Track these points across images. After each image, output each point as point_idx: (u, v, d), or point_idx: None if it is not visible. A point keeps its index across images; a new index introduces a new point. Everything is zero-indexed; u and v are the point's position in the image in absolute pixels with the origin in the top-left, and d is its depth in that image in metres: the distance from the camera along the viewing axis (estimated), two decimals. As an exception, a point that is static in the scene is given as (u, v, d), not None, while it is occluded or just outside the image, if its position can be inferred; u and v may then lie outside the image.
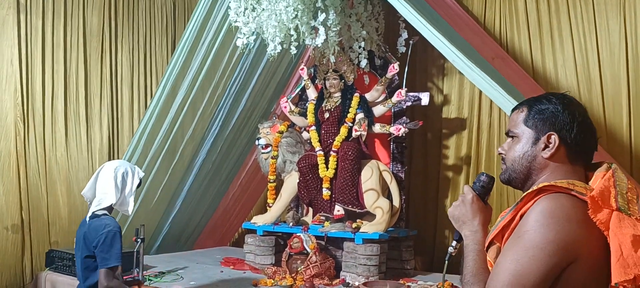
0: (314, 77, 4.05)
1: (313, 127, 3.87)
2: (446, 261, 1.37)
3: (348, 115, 3.73)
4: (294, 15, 3.17)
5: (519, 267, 1.08)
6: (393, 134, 3.68)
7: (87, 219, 2.39)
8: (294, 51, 3.30)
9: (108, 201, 2.38)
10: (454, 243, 1.33)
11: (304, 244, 3.36)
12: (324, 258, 3.36)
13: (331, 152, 3.69)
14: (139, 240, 3.00)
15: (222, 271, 3.63)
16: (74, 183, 4.17)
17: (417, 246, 3.84)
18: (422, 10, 3.02)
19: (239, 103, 4.38)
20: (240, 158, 4.76)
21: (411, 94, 3.79)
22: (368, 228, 3.39)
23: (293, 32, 3.22)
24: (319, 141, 3.80)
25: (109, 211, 2.42)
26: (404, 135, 3.66)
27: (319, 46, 3.38)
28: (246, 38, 3.39)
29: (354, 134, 3.67)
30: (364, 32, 3.65)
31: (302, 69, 4.07)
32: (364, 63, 3.69)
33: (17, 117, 3.91)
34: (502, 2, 3.86)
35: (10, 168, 3.87)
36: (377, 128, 3.74)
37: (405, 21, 3.52)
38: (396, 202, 3.63)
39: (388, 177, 3.67)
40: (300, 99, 4.27)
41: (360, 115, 3.71)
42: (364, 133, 3.65)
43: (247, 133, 4.61)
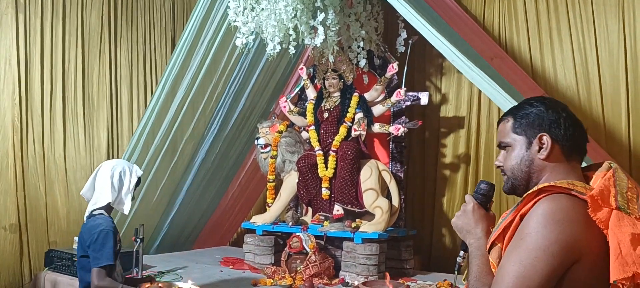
0: (313, 77, 4.05)
1: (312, 127, 3.87)
2: (456, 272, 1.38)
3: (347, 114, 3.73)
4: (293, 14, 3.16)
5: (523, 269, 1.08)
6: (392, 134, 3.68)
7: (85, 218, 2.40)
8: (293, 51, 3.30)
9: (103, 200, 2.37)
10: (462, 253, 1.35)
11: (304, 244, 3.36)
12: (323, 257, 3.36)
13: (330, 152, 3.69)
14: (138, 239, 2.98)
15: (222, 271, 3.63)
16: (73, 183, 4.16)
17: (414, 245, 3.84)
18: (422, 9, 3.02)
19: (238, 102, 4.37)
20: (239, 158, 4.76)
21: (410, 94, 3.79)
22: (367, 227, 3.39)
23: (292, 32, 3.22)
24: (318, 141, 3.80)
25: (108, 210, 2.42)
26: (403, 134, 3.66)
27: (318, 46, 3.38)
28: (245, 37, 3.39)
29: (353, 134, 3.67)
30: (363, 32, 3.65)
31: (301, 69, 4.07)
32: (363, 63, 3.69)
33: (15, 117, 3.90)
34: (501, 2, 3.86)
35: (7, 168, 3.86)
36: (376, 128, 3.74)
37: (404, 21, 3.53)
38: (395, 202, 3.63)
39: (387, 177, 3.67)
40: (299, 99, 4.27)
41: (359, 114, 3.71)
42: (363, 132, 3.65)
43: (247, 133, 4.61)
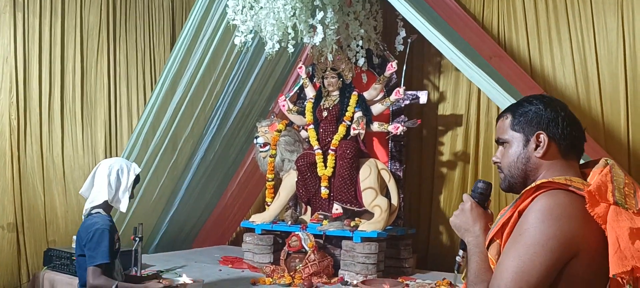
0: (312, 76, 4.05)
1: (311, 126, 3.86)
2: (455, 271, 1.38)
3: (346, 113, 3.73)
4: (292, 13, 3.16)
5: (522, 264, 1.09)
6: (391, 133, 3.68)
7: (83, 216, 2.40)
8: (292, 49, 3.29)
9: (100, 198, 2.36)
10: (461, 252, 1.35)
11: (303, 243, 3.35)
12: (323, 256, 3.36)
13: (329, 151, 3.69)
14: (137, 238, 2.99)
15: (221, 270, 3.63)
16: (71, 182, 4.16)
17: (412, 244, 3.83)
18: (421, 8, 3.02)
19: (237, 101, 4.37)
20: (238, 157, 4.76)
21: (409, 93, 3.79)
22: (366, 226, 3.39)
23: (291, 31, 3.22)
24: (317, 140, 3.80)
25: (107, 209, 2.41)
26: (402, 133, 3.66)
27: (317, 45, 3.38)
28: (244, 36, 3.38)
29: (352, 133, 3.67)
30: (362, 31, 3.65)
31: (301, 68, 4.07)
32: (362, 61, 3.69)
33: (12, 116, 3.89)
34: (500, 1, 3.86)
35: (5, 167, 3.85)
36: (376, 126, 3.74)
37: (403, 19, 3.53)
38: (394, 201, 3.63)
39: (386, 176, 3.67)
40: (298, 98, 4.27)
41: (358, 113, 3.71)
42: (362, 131, 3.65)
43: (245, 132, 4.61)
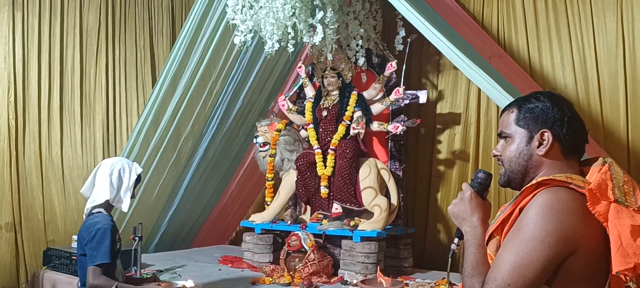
0: (312, 75, 4.05)
1: (311, 125, 3.86)
2: (449, 258, 1.38)
3: (346, 113, 3.73)
4: (292, 13, 3.16)
5: (520, 259, 1.10)
6: (391, 132, 3.68)
7: (84, 216, 2.39)
8: (292, 49, 3.29)
9: (102, 198, 2.36)
10: (456, 240, 1.35)
11: (302, 242, 3.35)
12: (322, 256, 3.36)
13: (329, 150, 3.69)
14: (137, 238, 2.99)
15: (221, 269, 3.63)
16: (69, 182, 4.16)
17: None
18: (420, 8, 3.02)
19: (237, 101, 4.37)
20: (238, 156, 4.76)
21: (409, 92, 3.79)
22: (366, 226, 3.39)
23: (291, 30, 3.22)
24: (317, 139, 3.80)
25: (108, 208, 2.41)
26: (402, 133, 3.66)
27: (317, 44, 3.38)
28: (244, 36, 3.38)
29: (352, 132, 3.67)
30: (362, 30, 3.65)
31: (300, 67, 4.07)
32: (362, 61, 3.69)
33: (11, 116, 3.89)
34: (500, 1, 3.86)
35: (3, 166, 3.85)
36: (375, 126, 3.74)
37: (402, 19, 3.52)
38: (394, 200, 3.63)
39: (386, 175, 3.67)
40: (298, 97, 4.27)
41: (358, 113, 3.71)
42: (362, 131, 3.65)
43: (245, 131, 4.61)
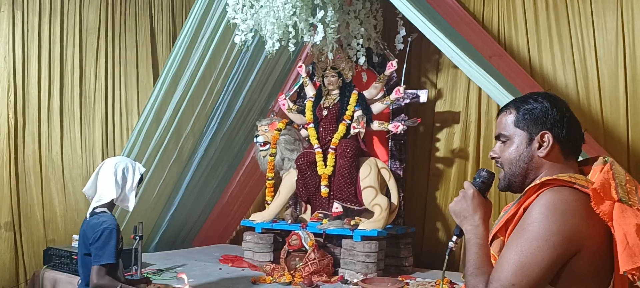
0: (312, 75, 4.05)
1: (311, 125, 3.86)
2: (446, 256, 1.38)
3: (346, 112, 3.73)
4: (292, 12, 3.16)
5: (524, 259, 1.10)
6: (391, 131, 3.68)
7: (87, 216, 2.38)
8: (292, 48, 3.29)
9: (107, 197, 2.36)
10: (455, 238, 1.34)
11: (303, 241, 3.36)
12: (323, 255, 3.36)
13: (329, 150, 3.69)
14: (137, 237, 2.99)
15: (221, 268, 3.63)
16: (69, 181, 4.15)
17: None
18: (421, 7, 3.02)
19: (237, 100, 4.36)
20: (238, 155, 4.75)
21: (409, 91, 3.80)
22: (366, 225, 3.39)
23: (291, 29, 3.21)
24: (318, 138, 3.80)
25: (110, 208, 2.41)
26: (403, 132, 3.66)
27: (317, 43, 3.37)
28: (244, 35, 3.38)
29: (353, 131, 3.67)
30: (363, 30, 3.65)
31: (301, 67, 4.07)
32: (362, 60, 3.69)
33: (10, 115, 3.89)
34: (500, 0, 3.86)
35: (3, 166, 3.85)
36: (376, 125, 3.74)
37: (403, 18, 3.52)
38: (394, 199, 3.63)
39: (386, 174, 3.67)
40: (298, 97, 4.27)
41: (358, 112, 3.71)
42: (363, 130, 3.65)
43: (245, 130, 4.60)
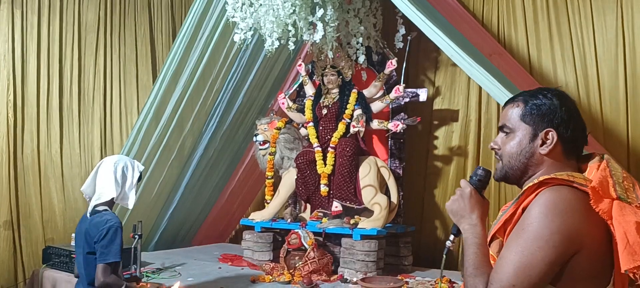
0: (312, 73, 4.04)
1: (311, 123, 3.86)
2: (444, 255, 1.37)
3: (346, 111, 3.73)
4: (292, 10, 3.15)
5: (524, 259, 1.09)
6: (391, 130, 3.67)
7: (88, 215, 2.36)
8: (292, 47, 3.29)
9: (108, 195, 2.35)
10: (452, 237, 1.33)
11: (302, 240, 3.36)
12: (322, 254, 3.36)
13: (329, 148, 3.68)
14: (137, 236, 2.98)
15: (220, 267, 3.62)
16: (69, 180, 4.15)
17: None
18: (421, 5, 3.01)
19: (237, 99, 4.36)
20: (237, 154, 4.75)
21: (409, 90, 3.79)
22: (366, 224, 3.39)
23: (291, 28, 3.21)
24: (317, 137, 3.80)
25: (110, 206, 2.40)
26: (402, 131, 3.66)
27: (317, 42, 3.37)
28: (244, 33, 3.37)
29: (352, 130, 3.67)
30: (362, 28, 3.64)
31: (300, 65, 4.06)
32: (362, 59, 3.68)
33: (9, 114, 3.88)
34: (500, -1, 3.87)
35: (2, 165, 3.85)
36: (375, 124, 3.74)
37: (402, 17, 3.52)
38: (394, 198, 3.63)
39: (386, 173, 3.67)
40: (298, 95, 4.26)
41: (358, 111, 3.70)
42: (362, 129, 3.64)
43: (245, 129, 4.60)
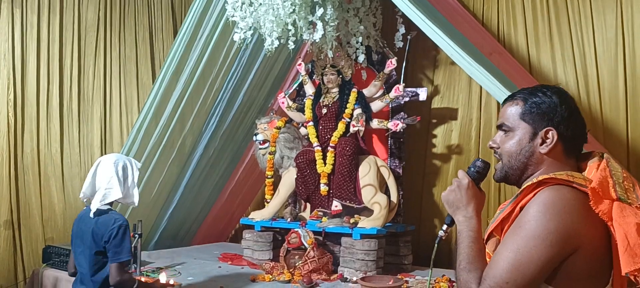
0: (312, 73, 4.04)
1: (311, 123, 3.86)
2: (436, 244, 1.34)
3: (346, 110, 3.73)
4: (292, 10, 3.15)
5: (519, 257, 1.08)
6: (391, 130, 3.67)
7: (92, 215, 2.32)
8: (292, 46, 3.28)
9: (114, 196, 2.33)
10: (445, 227, 1.31)
11: (302, 239, 3.36)
12: (322, 253, 3.36)
13: (329, 148, 3.68)
14: (137, 235, 2.99)
15: (220, 267, 3.62)
16: (69, 179, 4.16)
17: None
18: (420, 5, 3.01)
19: (236, 98, 4.36)
20: (237, 154, 4.75)
21: (409, 89, 3.79)
22: (366, 223, 3.39)
23: (291, 27, 3.21)
24: (317, 137, 3.80)
25: (111, 205, 2.40)
26: (402, 130, 3.66)
27: (317, 41, 3.37)
28: (243, 33, 3.37)
29: (352, 130, 3.67)
30: (362, 27, 3.64)
31: (300, 65, 4.06)
32: (362, 58, 3.68)
33: (10, 113, 3.88)
34: (500, -2, 3.87)
35: (2, 164, 3.85)
36: (375, 123, 3.74)
37: (402, 16, 3.52)
38: (394, 198, 3.63)
39: (386, 173, 3.67)
40: (297, 95, 4.26)
41: (358, 110, 3.70)
42: (362, 128, 3.64)
43: (245, 129, 4.60)
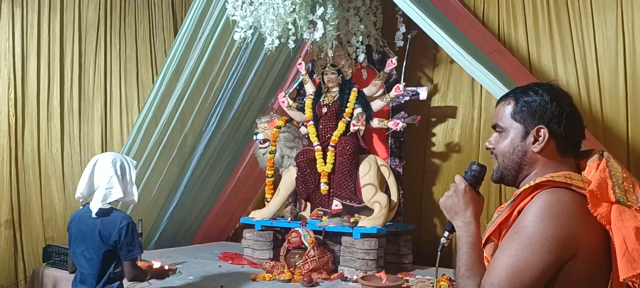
0: (312, 72, 4.04)
1: (311, 122, 3.86)
2: (439, 252, 1.33)
3: (346, 109, 3.73)
4: (292, 9, 3.15)
5: (518, 263, 1.06)
6: (391, 129, 3.67)
7: (94, 215, 2.30)
8: (292, 45, 3.28)
9: (115, 195, 2.32)
10: (446, 234, 1.30)
11: (302, 239, 3.36)
12: (322, 252, 3.36)
13: (329, 147, 3.68)
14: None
15: (221, 266, 3.63)
16: (69, 179, 4.15)
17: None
18: (421, 4, 3.01)
19: (237, 98, 4.36)
20: (237, 153, 4.75)
21: (409, 89, 3.79)
22: (366, 222, 3.39)
23: (291, 26, 3.21)
24: (317, 136, 3.80)
25: (111, 205, 2.40)
26: (402, 129, 3.66)
27: (317, 40, 3.37)
28: (244, 32, 3.37)
29: (352, 129, 3.67)
30: (362, 27, 3.64)
31: (300, 64, 4.06)
32: (362, 57, 3.68)
33: (10, 113, 3.88)
34: (501, -3, 3.86)
35: (2, 163, 3.85)
36: (375, 123, 3.74)
37: (403, 15, 3.52)
38: (394, 197, 3.63)
39: (386, 172, 3.67)
40: (298, 94, 4.26)
41: (358, 109, 3.70)
42: (362, 128, 3.64)
43: (245, 128, 4.60)
